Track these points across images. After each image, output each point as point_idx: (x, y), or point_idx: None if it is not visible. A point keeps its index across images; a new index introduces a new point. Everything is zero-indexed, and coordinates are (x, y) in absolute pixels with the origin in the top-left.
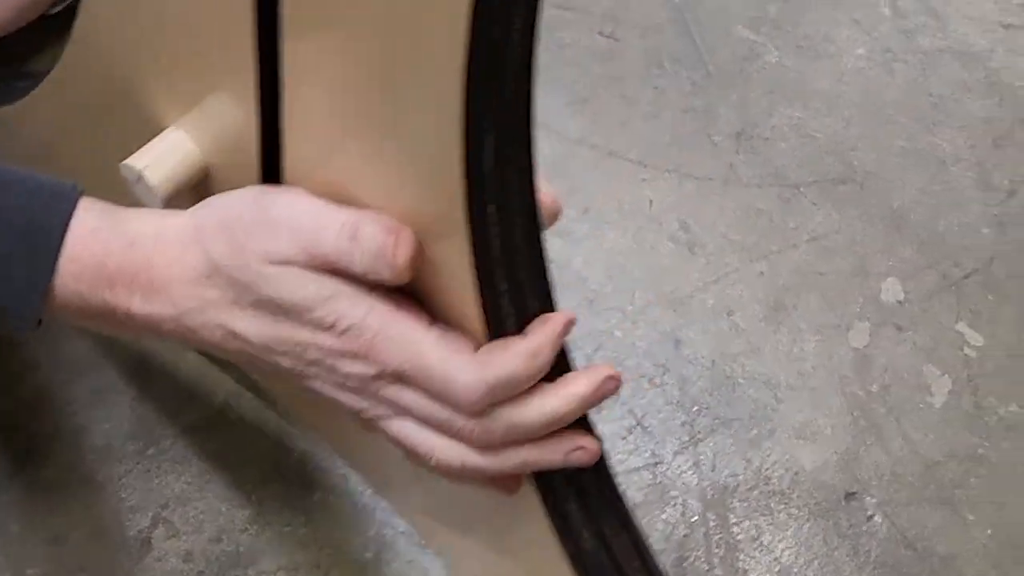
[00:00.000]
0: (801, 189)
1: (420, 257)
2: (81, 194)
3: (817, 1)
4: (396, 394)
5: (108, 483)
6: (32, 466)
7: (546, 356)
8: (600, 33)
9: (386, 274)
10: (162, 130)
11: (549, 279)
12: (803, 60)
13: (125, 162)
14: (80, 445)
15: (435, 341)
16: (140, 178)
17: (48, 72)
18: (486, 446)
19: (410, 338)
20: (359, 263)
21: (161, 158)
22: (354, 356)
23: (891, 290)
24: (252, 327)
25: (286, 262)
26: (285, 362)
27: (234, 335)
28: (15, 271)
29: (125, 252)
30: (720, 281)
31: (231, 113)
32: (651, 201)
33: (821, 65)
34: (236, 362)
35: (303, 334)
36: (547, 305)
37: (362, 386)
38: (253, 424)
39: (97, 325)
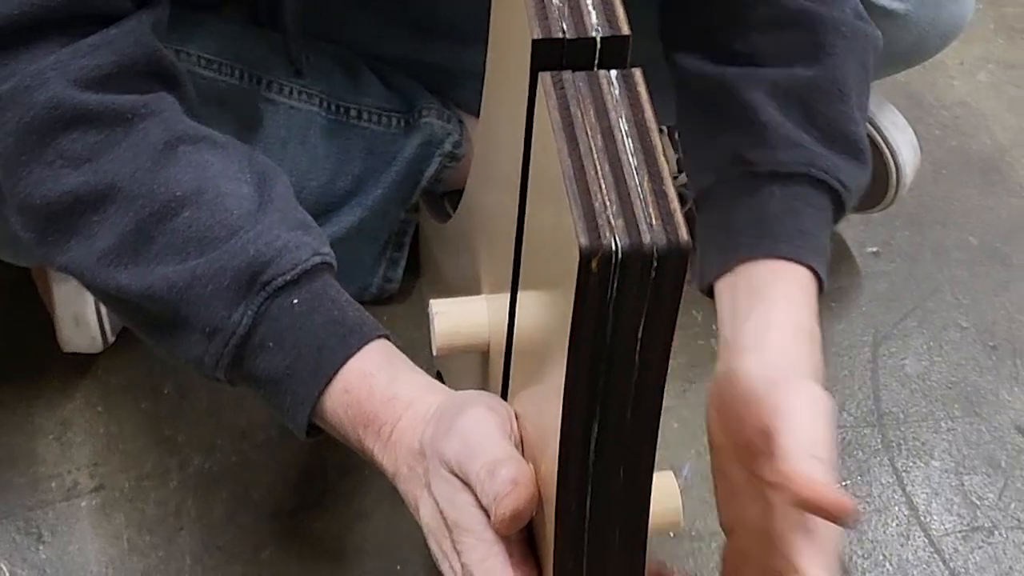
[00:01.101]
0: None
1: (528, 514)
2: (374, 338)
3: None
4: None
5: None
6: None
7: None
8: None
9: (492, 518)
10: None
11: None
12: None
13: (432, 300)
14: None
15: None
16: (432, 319)
17: None
18: None
19: None
20: (483, 496)
21: (455, 311)
22: None
23: None
24: (422, 507)
25: (450, 469)
26: (440, 560)
27: (416, 509)
28: (295, 384)
29: (384, 404)
30: None
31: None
32: None
33: None
34: None
35: (444, 544)
36: None
37: None
38: None
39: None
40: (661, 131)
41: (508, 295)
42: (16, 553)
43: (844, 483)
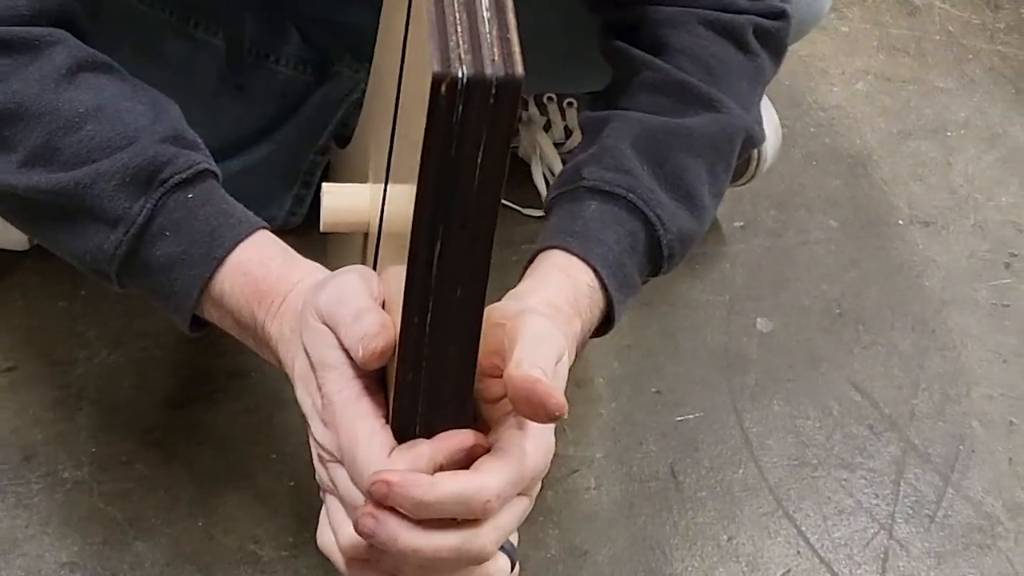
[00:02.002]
0: None
1: (387, 355)
2: (261, 228)
3: None
4: (334, 472)
5: None
6: None
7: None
8: None
9: (356, 356)
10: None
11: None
12: None
13: (324, 183)
14: None
15: (369, 434)
16: (322, 197)
17: None
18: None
19: (354, 425)
20: (345, 337)
21: (341, 191)
22: (323, 423)
23: None
24: (297, 361)
25: (320, 319)
26: (306, 404)
27: (292, 368)
28: (187, 267)
29: (279, 280)
30: None
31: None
32: None
33: None
34: None
35: (311, 386)
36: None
37: (321, 453)
38: None
39: (241, 335)
40: (551, 98)
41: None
42: None
43: (689, 416)
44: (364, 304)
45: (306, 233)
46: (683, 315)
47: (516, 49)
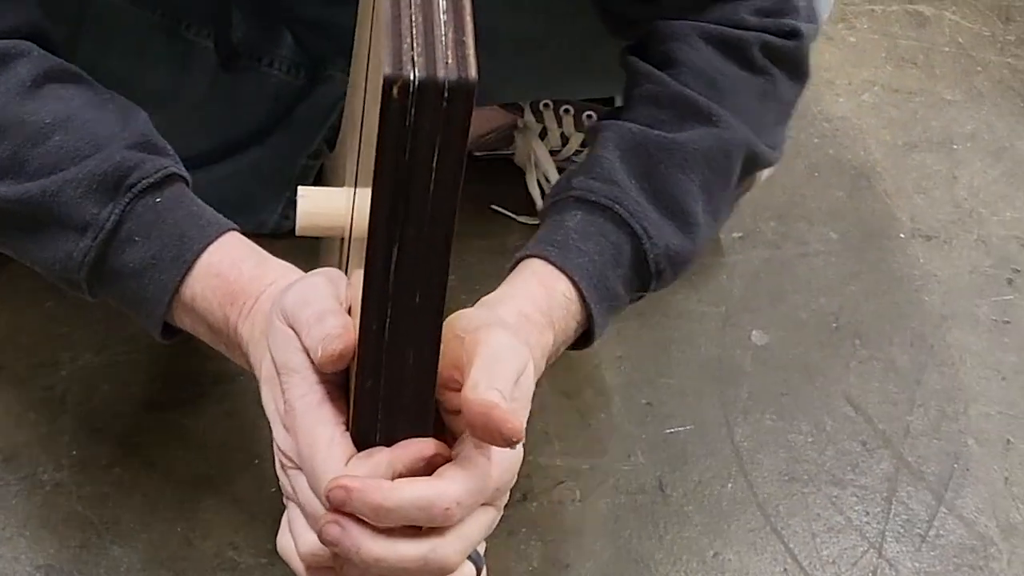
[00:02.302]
0: None
1: (348, 358)
2: (231, 231)
3: None
4: (295, 479)
5: None
6: None
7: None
8: None
9: (316, 357)
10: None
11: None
12: None
13: (300, 187)
14: None
15: (328, 441)
16: (297, 200)
17: None
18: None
19: (314, 431)
20: (307, 338)
21: (317, 196)
22: (285, 428)
23: None
24: (264, 363)
25: (285, 320)
26: (269, 408)
27: (259, 370)
28: (158, 271)
29: (251, 281)
30: None
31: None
32: None
33: None
34: None
35: (276, 390)
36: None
37: (283, 459)
38: None
39: (214, 340)
40: (547, 104)
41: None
42: None
43: (680, 428)
44: (327, 306)
45: (300, 237)
46: (677, 326)
47: (471, 52)
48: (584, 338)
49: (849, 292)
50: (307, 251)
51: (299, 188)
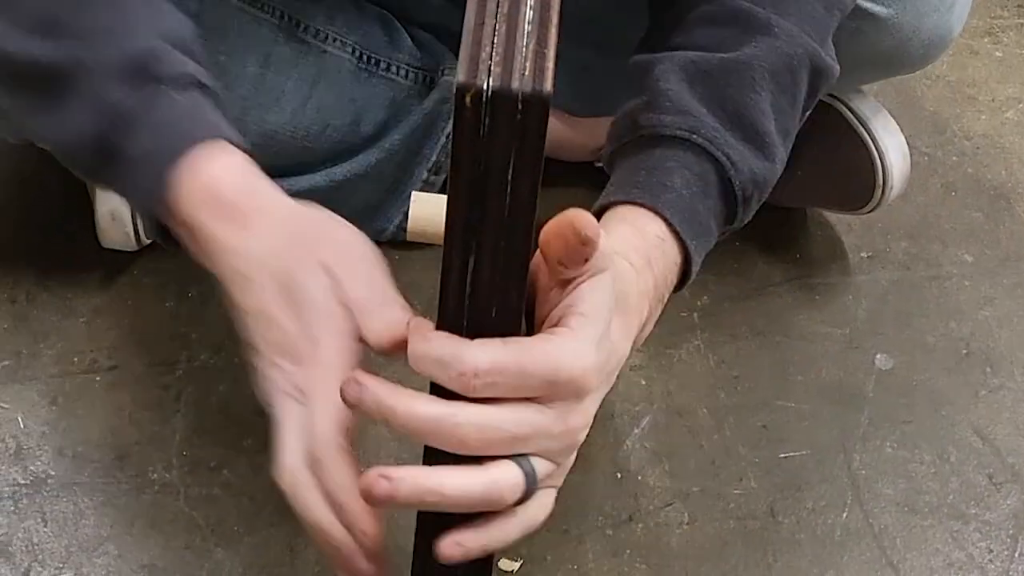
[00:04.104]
0: None
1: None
2: (235, 145)
3: None
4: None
5: None
6: None
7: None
8: None
9: (375, 342)
10: None
11: None
12: None
13: (414, 191)
14: None
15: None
16: (410, 205)
17: None
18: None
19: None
20: (362, 315)
21: (430, 200)
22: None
23: None
24: (268, 285)
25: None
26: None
27: (251, 281)
28: (151, 167)
29: (247, 196)
30: None
31: None
32: None
33: None
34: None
35: (286, 314)
36: None
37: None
38: None
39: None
40: None
41: None
42: (31, 410)
43: (795, 453)
44: (395, 294)
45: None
46: (797, 347)
47: (550, 65)
48: (679, 281)
49: (982, 317)
50: (426, 263)
51: (412, 193)
